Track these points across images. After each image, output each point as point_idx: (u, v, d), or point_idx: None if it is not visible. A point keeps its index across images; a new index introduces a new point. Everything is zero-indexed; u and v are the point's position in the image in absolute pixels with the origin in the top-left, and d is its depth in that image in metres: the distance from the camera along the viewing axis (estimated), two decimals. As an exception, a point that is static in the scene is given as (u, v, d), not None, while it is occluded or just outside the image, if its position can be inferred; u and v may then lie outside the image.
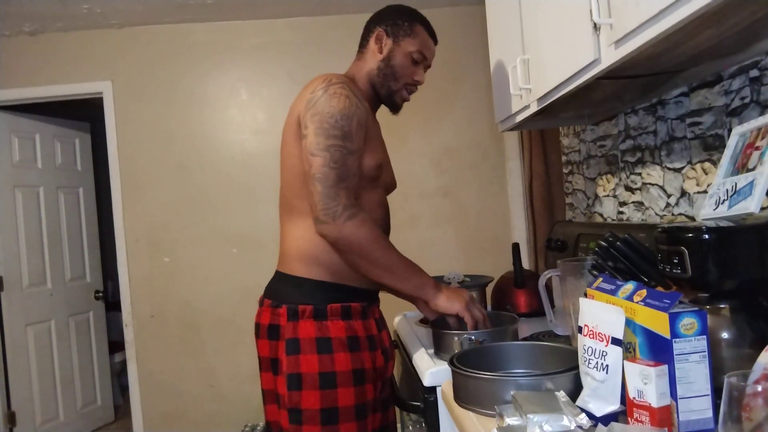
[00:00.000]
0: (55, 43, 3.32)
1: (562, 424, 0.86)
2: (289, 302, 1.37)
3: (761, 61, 1.24)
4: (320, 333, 1.34)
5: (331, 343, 1.34)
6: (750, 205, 0.97)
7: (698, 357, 0.83)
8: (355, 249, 1.31)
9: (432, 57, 1.55)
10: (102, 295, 3.99)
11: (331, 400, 1.32)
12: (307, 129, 1.33)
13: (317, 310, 1.35)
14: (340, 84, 1.36)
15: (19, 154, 3.52)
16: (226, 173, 3.37)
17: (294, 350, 1.33)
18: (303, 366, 1.32)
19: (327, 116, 1.31)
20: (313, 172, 1.30)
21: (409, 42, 1.49)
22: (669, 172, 1.64)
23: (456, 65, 3.40)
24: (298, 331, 1.34)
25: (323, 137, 1.30)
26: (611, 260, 1.16)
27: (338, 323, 1.36)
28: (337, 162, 1.29)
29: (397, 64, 1.49)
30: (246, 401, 3.29)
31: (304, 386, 1.32)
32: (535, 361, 1.20)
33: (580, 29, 1.19)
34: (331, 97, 1.33)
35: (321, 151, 1.29)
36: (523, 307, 1.90)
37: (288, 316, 1.36)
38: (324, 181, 1.28)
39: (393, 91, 1.51)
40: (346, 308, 1.38)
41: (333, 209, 1.28)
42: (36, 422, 3.45)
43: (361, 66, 1.53)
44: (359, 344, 1.38)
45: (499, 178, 3.42)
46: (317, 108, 1.32)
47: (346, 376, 1.33)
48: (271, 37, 3.37)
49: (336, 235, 1.29)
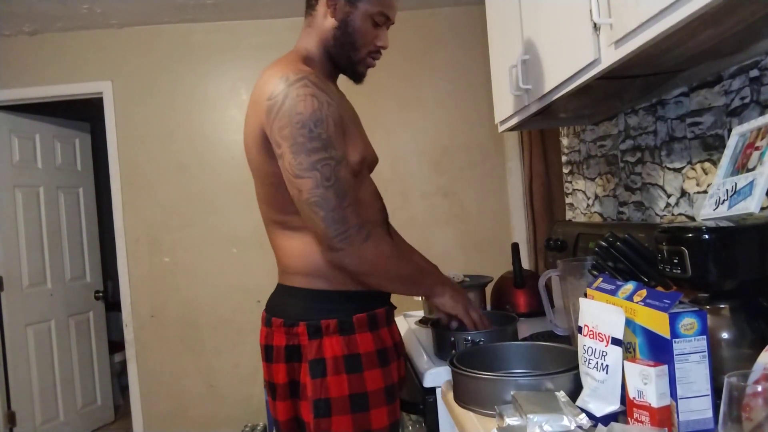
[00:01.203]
0: (55, 43, 3.32)
1: (562, 424, 0.86)
2: (309, 318, 1.21)
3: (761, 61, 1.24)
4: (348, 350, 1.19)
5: (360, 360, 1.20)
6: (750, 205, 0.97)
7: (698, 357, 0.83)
8: (375, 271, 1.20)
9: (395, 15, 1.30)
10: (102, 295, 3.99)
11: (363, 423, 1.19)
12: (281, 147, 1.14)
13: (342, 323, 1.20)
14: (301, 81, 1.15)
15: (19, 154, 3.52)
16: (226, 173, 3.37)
17: (320, 372, 1.18)
18: (332, 389, 1.18)
19: (298, 127, 1.12)
20: (306, 198, 1.13)
21: (368, 2, 1.25)
22: (669, 172, 1.64)
23: (456, 65, 3.40)
24: (323, 350, 1.19)
25: (304, 155, 1.12)
26: (611, 260, 1.16)
27: (366, 336, 1.22)
28: (330, 179, 1.13)
29: (357, 29, 1.26)
30: (246, 401, 3.29)
31: (333, 412, 1.18)
32: (535, 361, 1.20)
33: (580, 29, 1.19)
34: (296, 102, 1.13)
35: (307, 171, 1.12)
36: (522, 307, 1.90)
37: (309, 335, 1.20)
38: (324, 205, 1.12)
39: (354, 61, 1.29)
40: (372, 317, 1.24)
41: (345, 233, 1.14)
42: (36, 422, 3.45)
43: (311, 35, 1.30)
44: (388, 356, 1.25)
45: (499, 178, 3.42)
46: (283, 119, 1.13)
47: (378, 394, 1.20)
48: (271, 37, 3.37)
49: (356, 261, 1.16)
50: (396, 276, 1.26)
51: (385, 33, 1.31)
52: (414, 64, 3.34)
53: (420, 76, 3.40)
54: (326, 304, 1.23)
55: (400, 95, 3.35)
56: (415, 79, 3.38)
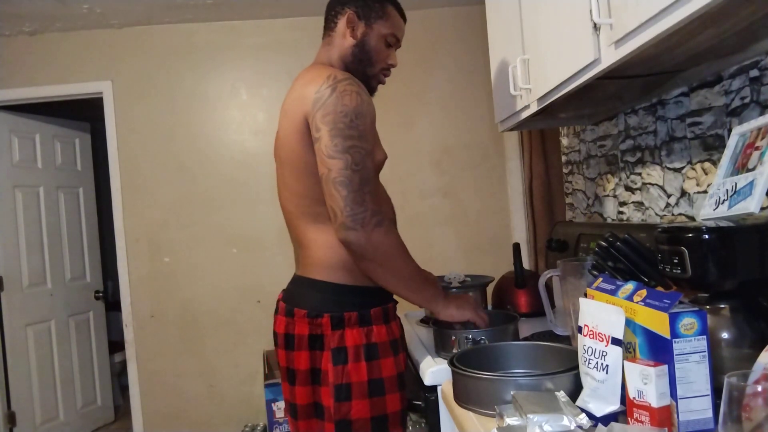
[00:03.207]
0: (55, 43, 3.32)
1: (562, 424, 0.86)
2: (332, 310, 1.31)
3: (761, 61, 1.24)
4: (367, 339, 1.30)
5: (377, 349, 1.30)
6: (750, 205, 0.97)
7: (698, 357, 0.83)
8: (380, 258, 1.26)
9: (402, 37, 1.48)
10: (102, 295, 3.99)
11: (380, 407, 1.29)
12: (320, 131, 1.26)
13: (362, 315, 1.31)
14: (348, 80, 1.29)
15: (19, 154, 3.52)
16: (226, 173, 3.37)
17: (342, 360, 1.29)
18: (352, 375, 1.28)
19: (341, 116, 1.24)
20: (333, 176, 1.23)
21: (382, 24, 1.41)
22: (669, 172, 1.64)
23: (456, 65, 3.40)
24: (345, 339, 1.30)
25: (340, 138, 1.23)
26: (611, 260, 1.16)
27: (381, 328, 1.33)
28: (359, 164, 1.24)
29: (372, 48, 1.41)
30: (246, 401, 3.29)
31: (353, 396, 1.28)
32: (535, 361, 1.20)
33: (580, 29, 1.19)
34: (342, 95, 1.26)
35: (340, 153, 1.23)
36: (523, 307, 1.90)
37: (332, 325, 1.30)
38: (348, 185, 1.22)
39: (369, 76, 1.43)
40: (385, 310, 1.35)
41: (361, 215, 1.22)
42: (36, 422, 3.45)
43: (331, 52, 1.44)
44: (398, 347, 1.36)
45: (499, 178, 3.42)
46: (328, 107, 1.25)
47: (392, 380, 1.31)
48: (271, 37, 3.37)
49: (363, 242, 1.23)
50: (398, 271, 1.31)
51: (395, 53, 1.47)
52: (414, 64, 3.34)
53: (420, 76, 3.40)
54: (348, 297, 1.33)
55: (400, 95, 3.35)
56: (415, 79, 3.38)
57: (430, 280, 1.42)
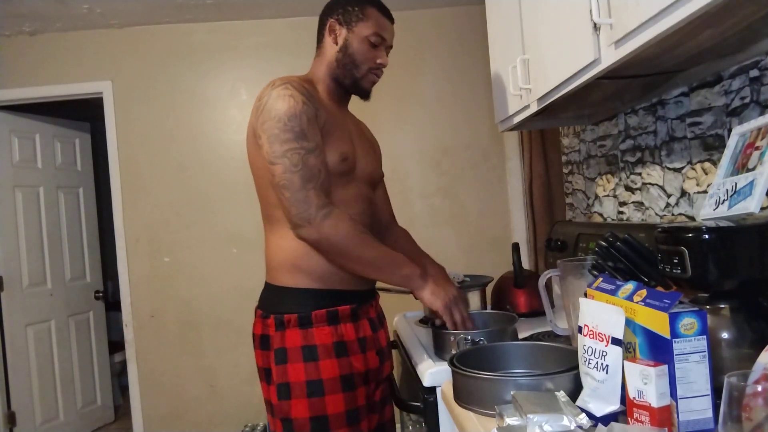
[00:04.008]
0: (55, 43, 3.32)
1: (562, 424, 0.86)
2: (277, 312, 1.37)
3: (761, 61, 1.24)
4: (305, 341, 1.34)
5: (316, 351, 1.34)
6: (750, 205, 0.97)
7: (698, 357, 0.83)
8: (336, 248, 1.32)
9: (391, 37, 1.49)
10: (102, 295, 3.99)
11: (319, 408, 1.32)
12: (261, 139, 1.33)
13: (302, 318, 1.35)
14: (283, 85, 1.34)
15: (19, 154, 3.52)
16: (226, 173, 3.37)
17: (282, 360, 1.34)
18: (291, 375, 1.33)
19: (275, 121, 1.30)
20: (277, 181, 1.30)
21: (363, 26, 1.44)
22: (669, 172, 1.64)
23: (456, 65, 3.40)
24: (285, 340, 1.35)
25: (278, 144, 1.29)
26: (611, 260, 1.16)
27: (324, 329, 1.35)
28: (297, 165, 1.29)
29: (355, 51, 1.44)
30: (246, 401, 3.29)
31: (292, 395, 1.33)
32: (535, 361, 1.20)
33: (580, 29, 1.19)
34: (276, 100, 1.31)
35: (279, 158, 1.29)
36: (523, 307, 1.90)
37: (275, 326, 1.36)
38: (290, 187, 1.29)
39: (357, 78, 1.46)
40: (332, 313, 1.37)
41: (306, 212, 1.29)
42: (36, 422, 3.45)
43: (320, 62, 1.49)
44: (347, 349, 1.37)
45: (499, 178, 3.42)
46: (264, 115, 1.32)
47: (334, 382, 1.33)
48: (271, 37, 3.37)
49: (316, 236, 1.30)
50: (366, 259, 1.35)
51: (384, 53, 1.47)
52: (414, 64, 3.34)
53: (420, 76, 3.40)
54: (292, 300, 1.38)
55: (400, 95, 3.35)
56: (415, 79, 3.38)
57: (405, 261, 1.39)
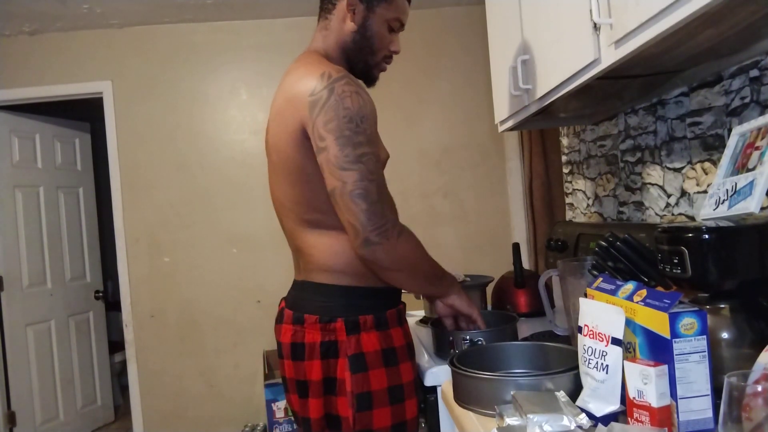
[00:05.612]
0: (55, 43, 3.32)
1: (562, 424, 0.86)
2: (346, 315, 1.21)
3: (761, 61, 1.24)
4: (386, 344, 1.22)
5: (396, 354, 1.24)
6: (750, 205, 0.97)
7: (698, 357, 0.82)
8: (406, 266, 1.21)
9: (406, 21, 1.35)
10: (102, 295, 3.99)
11: (399, 414, 1.23)
12: (325, 141, 1.15)
13: (378, 318, 1.23)
14: (344, 79, 1.18)
15: (19, 154, 3.52)
16: (226, 173, 3.37)
17: (361, 367, 1.20)
18: (373, 383, 1.20)
19: (345, 121, 1.14)
20: (350, 189, 1.13)
21: (386, 8, 1.28)
22: (669, 172, 1.64)
23: (456, 65, 3.40)
24: (362, 344, 1.21)
25: (350, 147, 1.13)
26: (611, 260, 1.16)
27: (398, 330, 1.26)
28: (374, 173, 1.15)
29: (374, 34, 1.29)
30: (246, 401, 3.29)
31: (374, 404, 1.20)
32: (535, 361, 1.20)
33: (580, 29, 1.19)
34: (342, 98, 1.15)
35: (353, 163, 1.13)
36: (523, 307, 1.90)
37: (347, 330, 1.21)
38: (367, 197, 1.13)
39: (371, 64, 1.33)
40: (399, 312, 1.29)
41: (383, 227, 1.15)
42: (36, 422, 3.45)
43: (328, 38, 1.32)
44: (413, 350, 1.31)
45: (499, 178, 3.42)
46: (329, 113, 1.15)
47: (411, 386, 1.26)
48: (271, 37, 3.37)
49: (391, 256, 1.16)
50: (421, 273, 1.27)
51: (398, 39, 1.35)
52: (414, 64, 3.34)
53: (420, 76, 3.40)
54: (362, 301, 1.24)
55: (400, 95, 3.35)
56: (415, 79, 3.38)
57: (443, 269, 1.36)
